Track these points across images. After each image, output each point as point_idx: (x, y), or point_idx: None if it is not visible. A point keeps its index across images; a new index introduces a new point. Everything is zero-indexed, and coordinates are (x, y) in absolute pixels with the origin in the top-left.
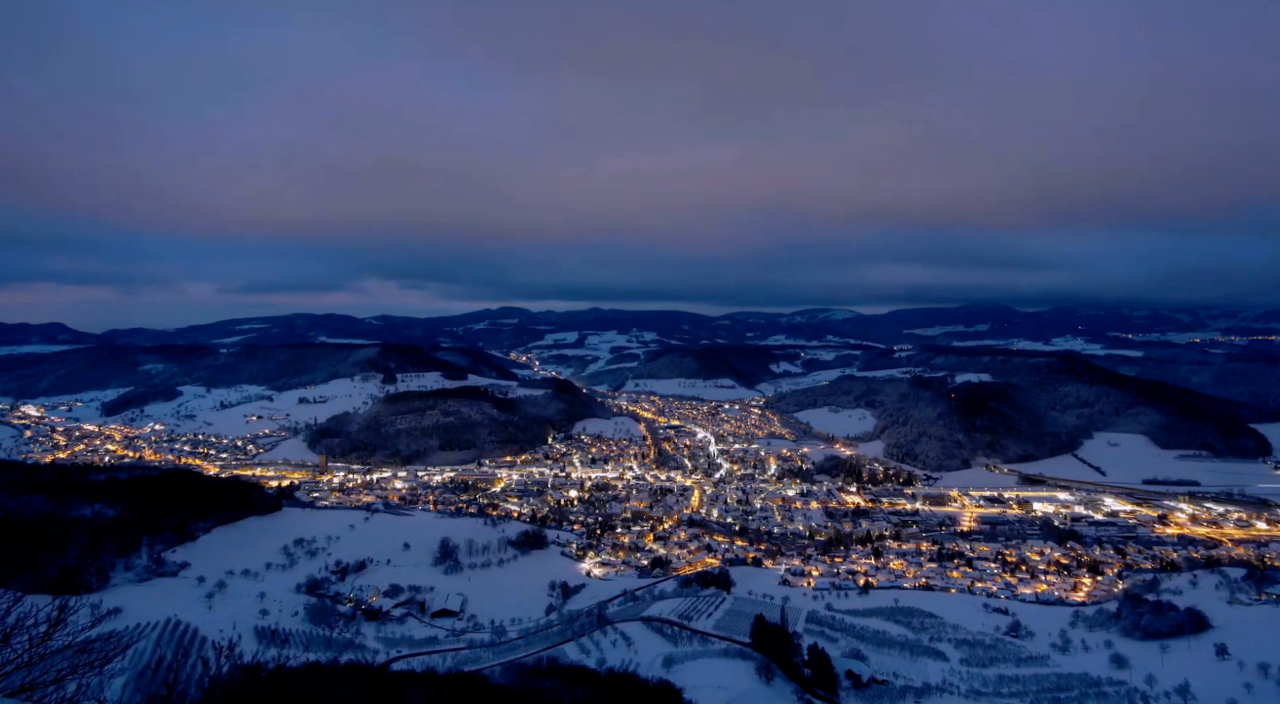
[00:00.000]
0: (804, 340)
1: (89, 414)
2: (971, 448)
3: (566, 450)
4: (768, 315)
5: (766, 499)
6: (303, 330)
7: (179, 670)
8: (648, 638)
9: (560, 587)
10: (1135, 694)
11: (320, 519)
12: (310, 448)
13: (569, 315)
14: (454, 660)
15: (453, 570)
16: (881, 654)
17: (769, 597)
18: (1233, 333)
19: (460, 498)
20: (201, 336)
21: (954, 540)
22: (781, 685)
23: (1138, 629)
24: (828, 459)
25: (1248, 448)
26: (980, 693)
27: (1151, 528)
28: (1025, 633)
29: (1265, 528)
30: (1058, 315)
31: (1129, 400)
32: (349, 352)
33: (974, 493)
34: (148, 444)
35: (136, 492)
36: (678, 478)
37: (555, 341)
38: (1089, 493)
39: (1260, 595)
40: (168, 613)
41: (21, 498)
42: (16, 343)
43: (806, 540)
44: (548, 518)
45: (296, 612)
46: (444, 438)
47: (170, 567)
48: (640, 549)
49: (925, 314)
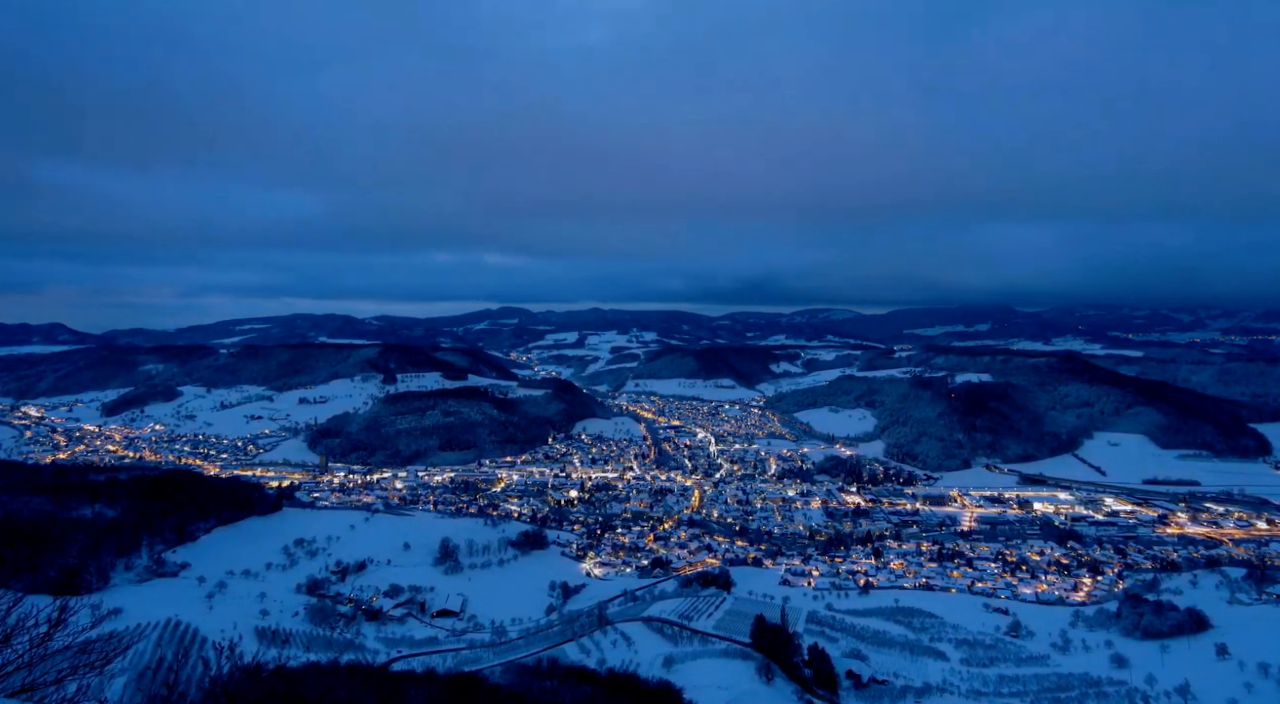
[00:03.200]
0: (804, 340)
1: (89, 414)
2: (972, 448)
3: (567, 451)
4: (768, 315)
5: (767, 499)
6: (303, 331)
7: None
8: (648, 638)
9: (560, 587)
10: (1135, 694)
11: (320, 519)
12: (310, 448)
13: (569, 315)
14: (454, 661)
15: (453, 571)
16: (882, 654)
17: (769, 597)
18: (1233, 333)
19: (460, 498)
20: (201, 337)
21: (954, 540)
22: (782, 685)
23: (1138, 629)
24: (828, 459)
25: (1248, 448)
26: (980, 693)
27: (1152, 528)
28: (1025, 633)
29: (1265, 528)
30: (1058, 315)
31: (1129, 400)
32: (349, 352)
33: (974, 493)
34: (148, 444)
35: (137, 492)
36: (678, 478)
37: (555, 342)
38: (1089, 493)
39: (1260, 595)
40: (168, 613)
41: (22, 498)
42: (17, 343)
43: (807, 540)
44: (548, 518)
45: (297, 612)
46: (444, 438)
47: (170, 567)
48: (640, 549)
49: (925, 314)
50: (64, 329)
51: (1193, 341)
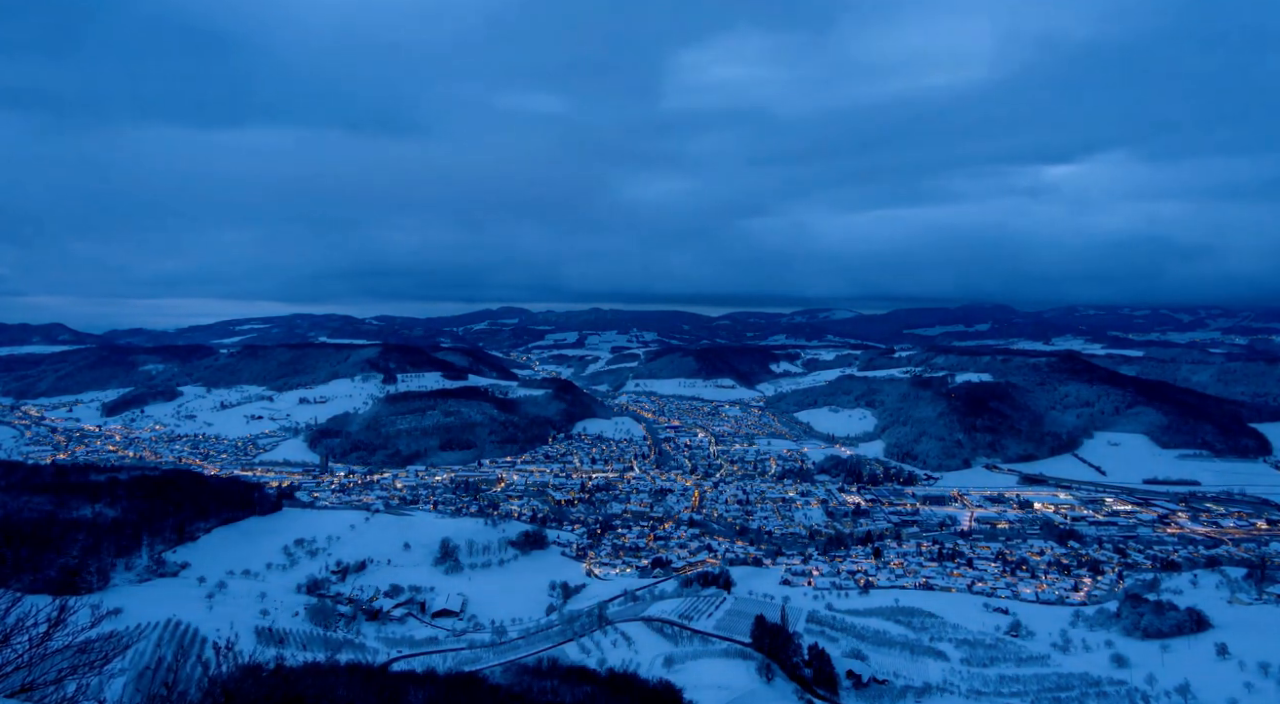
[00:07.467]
0: (804, 340)
1: (89, 414)
2: (972, 448)
3: (567, 450)
4: (768, 315)
5: (767, 499)
6: (303, 331)
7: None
8: (648, 638)
9: (561, 587)
10: (1136, 694)
11: (321, 519)
12: (310, 448)
13: (569, 315)
14: (454, 660)
15: (453, 570)
16: (882, 654)
17: (769, 597)
18: (1233, 333)
19: (461, 498)
20: (201, 337)
21: (954, 540)
22: (782, 685)
23: (1138, 629)
24: (828, 459)
25: (1248, 448)
26: (981, 693)
27: (1152, 527)
28: (1026, 632)
29: (1265, 527)
30: (1058, 315)
31: (1129, 400)
32: (349, 352)
33: (974, 493)
34: (148, 445)
35: (137, 492)
36: (678, 478)
37: (555, 342)
38: (1089, 493)
39: (1261, 595)
40: (168, 613)
41: (22, 498)
42: (17, 343)
43: (807, 540)
44: (548, 518)
45: (297, 612)
46: (444, 438)
47: (170, 567)
48: (640, 549)
49: (925, 314)
50: (64, 329)
51: (1193, 342)
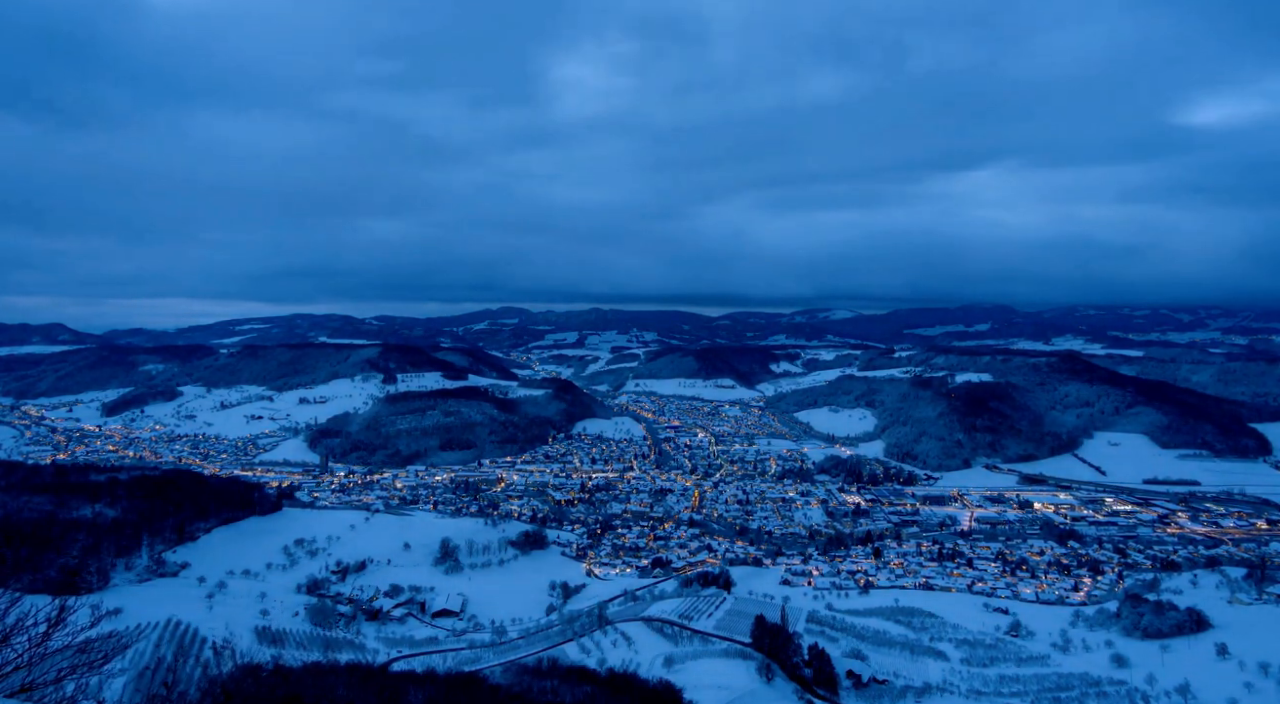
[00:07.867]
0: (804, 340)
1: (89, 414)
2: (972, 448)
3: (567, 450)
4: (768, 315)
5: (767, 499)
6: (303, 331)
7: (179, 670)
8: (648, 638)
9: (561, 587)
10: (1136, 694)
11: (320, 519)
12: (310, 448)
13: (569, 315)
14: (454, 661)
15: (453, 570)
16: (882, 654)
17: (769, 597)
18: (1233, 333)
19: (461, 498)
20: (201, 337)
21: (954, 540)
22: (782, 685)
23: (1138, 629)
24: (828, 459)
25: (1248, 448)
26: (981, 693)
27: (1152, 527)
28: (1025, 632)
29: (1265, 527)
30: (1058, 315)
31: (1129, 400)
32: (349, 352)
33: (974, 493)
34: (148, 445)
35: (137, 492)
36: (678, 478)
37: (555, 342)
38: (1089, 493)
39: (1261, 595)
40: (168, 613)
41: (22, 498)
42: (17, 343)
43: (807, 540)
44: (548, 518)
45: (297, 612)
46: (444, 438)
47: (170, 567)
48: (641, 549)
49: (925, 314)
50: (64, 329)
51: (1193, 341)
